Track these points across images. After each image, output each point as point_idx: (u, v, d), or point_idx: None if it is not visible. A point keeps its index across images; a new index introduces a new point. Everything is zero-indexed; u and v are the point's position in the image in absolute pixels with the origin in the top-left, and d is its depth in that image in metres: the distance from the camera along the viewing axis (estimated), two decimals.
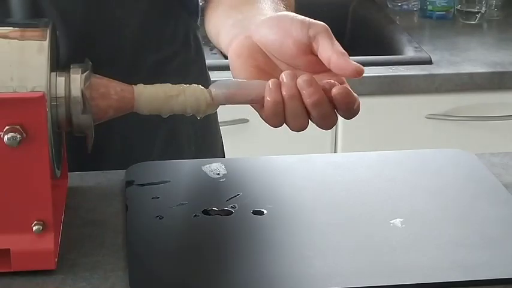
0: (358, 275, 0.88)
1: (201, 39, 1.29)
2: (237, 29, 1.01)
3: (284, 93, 0.91)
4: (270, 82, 0.91)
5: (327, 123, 0.92)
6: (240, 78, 0.96)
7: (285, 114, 0.91)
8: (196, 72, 1.27)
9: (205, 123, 1.31)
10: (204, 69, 1.30)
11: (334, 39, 0.94)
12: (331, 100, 0.91)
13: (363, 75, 0.93)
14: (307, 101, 0.90)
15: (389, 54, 2.19)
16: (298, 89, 0.90)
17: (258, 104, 0.93)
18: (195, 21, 1.27)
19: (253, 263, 0.90)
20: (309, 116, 0.91)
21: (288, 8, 1.08)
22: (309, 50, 0.94)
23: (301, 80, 0.91)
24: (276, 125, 0.93)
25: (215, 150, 1.33)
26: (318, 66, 0.94)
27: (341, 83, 0.93)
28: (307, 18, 0.95)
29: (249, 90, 0.93)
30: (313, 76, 0.92)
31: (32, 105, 0.84)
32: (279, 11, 1.03)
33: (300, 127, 0.92)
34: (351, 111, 0.93)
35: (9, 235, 0.86)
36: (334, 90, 0.91)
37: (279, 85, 0.91)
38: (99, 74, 0.92)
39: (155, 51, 1.21)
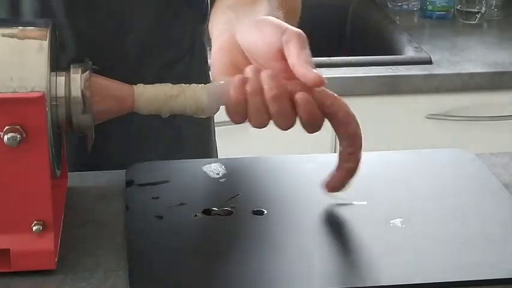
0: (358, 275, 0.88)
1: (206, 43, 1.30)
2: (225, 27, 1.02)
3: (248, 88, 0.91)
4: (236, 78, 0.92)
5: (284, 121, 0.92)
6: (215, 72, 0.97)
7: (247, 110, 0.92)
8: (199, 76, 1.27)
9: (207, 124, 1.31)
10: (208, 74, 1.31)
11: (306, 46, 0.93)
12: (293, 103, 0.91)
13: (326, 81, 0.92)
14: (268, 95, 0.91)
15: (389, 54, 2.19)
16: (261, 84, 0.91)
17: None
18: (202, 26, 1.27)
19: (253, 263, 0.90)
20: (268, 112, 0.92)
21: (288, 14, 1.07)
22: (282, 56, 0.94)
23: (265, 73, 0.92)
24: (238, 121, 0.93)
25: (212, 151, 1.34)
26: (291, 73, 0.93)
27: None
28: (285, 24, 0.96)
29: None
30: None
31: (32, 105, 0.84)
32: (272, 16, 1.04)
33: (260, 123, 0.93)
34: (311, 122, 0.92)
35: (9, 235, 0.86)
36: (297, 95, 0.91)
37: (244, 81, 0.92)
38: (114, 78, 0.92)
39: (161, 55, 1.22)
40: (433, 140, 2.07)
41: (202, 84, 0.93)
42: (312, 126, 0.94)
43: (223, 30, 1.02)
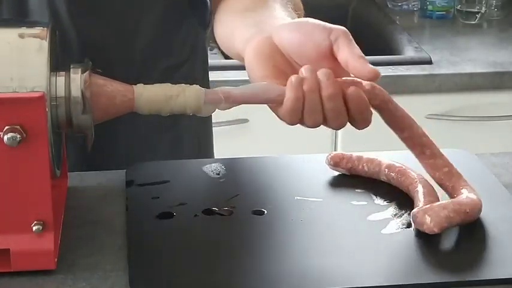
0: (358, 275, 0.88)
1: (207, 47, 1.31)
2: (255, 29, 1.01)
3: (305, 87, 0.91)
4: (293, 78, 0.92)
5: (337, 119, 0.92)
6: (257, 76, 0.96)
7: (304, 109, 0.92)
8: (201, 78, 1.28)
9: (207, 124, 1.32)
10: (207, 79, 1.31)
11: (354, 42, 0.95)
12: (345, 101, 0.92)
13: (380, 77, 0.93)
14: (324, 93, 0.91)
15: (389, 54, 2.19)
16: (318, 83, 0.91)
17: (273, 103, 0.93)
18: (204, 30, 1.27)
19: (253, 263, 0.90)
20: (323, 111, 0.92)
21: (299, 16, 1.08)
22: (329, 55, 0.95)
23: (321, 72, 0.92)
24: (294, 121, 0.93)
25: (211, 152, 1.35)
26: (337, 73, 0.94)
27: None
28: (328, 24, 0.96)
29: (262, 91, 0.93)
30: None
31: (32, 105, 0.84)
32: (294, 18, 1.04)
33: (316, 122, 0.92)
34: (362, 117, 0.93)
35: (9, 235, 0.86)
36: (349, 90, 0.92)
37: (301, 81, 0.91)
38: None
39: (164, 59, 1.23)
40: (433, 140, 2.06)
41: (198, 87, 0.93)
42: (363, 121, 0.94)
43: (252, 33, 1.00)
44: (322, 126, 0.94)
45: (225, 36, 1.12)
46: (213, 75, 1.33)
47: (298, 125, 0.94)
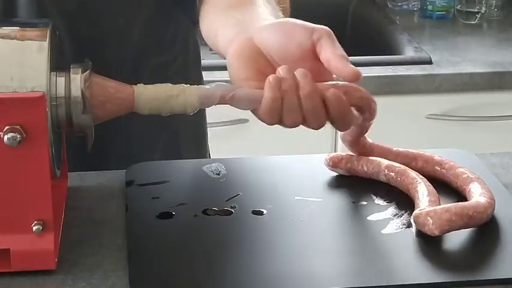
0: (358, 275, 0.88)
1: (199, 42, 1.30)
2: (237, 29, 1.00)
3: (283, 87, 0.91)
4: (271, 78, 0.91)
5: (316, 119, 0.92)
6: (238, 78, 0.95)
7: (283, 109, 0.91)
8: (194, 74, 1.28)
9: (202, 126, 1.32)
10: (200, 72, 1.31)
11: (337, 42, 0.94)
12: (324, 101, 0.92)
13: (362, 75, 0.93)
14: (302, 92, 0.91)
15: (389, 54, 2.19)
16: (296, 83, 0.91)
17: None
18: (194, 26, 1.27)
19: (253, 263, 0.90)
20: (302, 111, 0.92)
21: (284, 15, 1.08)
22: (312, 56, 0.94)
23: (298, 72, 0.91)
24: (273, 121, 0.93)
25: (206, 153, 1.35)
26: (319, 74, 0.93)
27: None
28: (310, 24, 0.96)
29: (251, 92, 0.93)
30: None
31: (32, 105, 0.84)
32: (278, 17, 1.03)
33: (294, 122, 0.92)
34: (342, 118, 0.93)
35: (9, 235, 0.86)
36: (328, 92, 0.91)
37: (279, 81, 0.91)
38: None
39: (156, 55, 1.23)
40: (433, 140, 2.07)
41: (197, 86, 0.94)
42: (344, 123, 0.94)
43: (235, 33, 1.00)
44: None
45: (209, 36, 1.11)
46: (213, 76, 1.33)
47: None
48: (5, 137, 0.83)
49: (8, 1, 1.16)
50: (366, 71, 2.04)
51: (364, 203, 1.01)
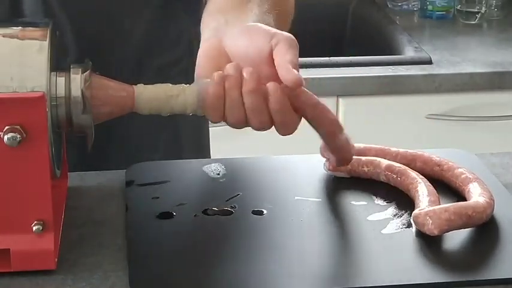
0: (358, 275, 0.88)
1: None
2: (214, 32, 1.03)
3: (227, 84, 0.92)
4: (215, 74, 0.93)
5: (257, 117, 0.92)
6: (201, 76, 0.97)
7: (225, 106, 0.92)
8: None
9: (204, 126, 1.32)
10: None
11: (294, 49, 0.94)
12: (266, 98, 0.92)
13: (304, 83, 0.92)
14: (244, 89, 0.91)
15: (389, 54, 2.19)
16: (239, 80, 0.92)
17: None
18: (198, 27, 1.28)
19: (253, 263, 0.90)
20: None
21: (279, 18, 1.07)
22: (270, 61, 0.94)
23: (245, 69, 0.92)
24: (216, 118, 0.94)
25: (208, 153, 1.35)
26: (278, 80, 0.93)
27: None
28: (273, 29, 0.97)
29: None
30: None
31: (32, 105, 0.84)
32: (264, 19, 1.04)
33: (236, 119, 0.93)
34: (282, 116, 0.92)
35: (9, 235, 0.86)
36: (268, 84, 0.92)
37: (223, 78, 0.92)
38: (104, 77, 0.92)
39: (160, 56, 1.23)
40: (433, 140, 2.07)
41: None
42: (283, 124, 0.93)
43: (211, 34, 1.02)
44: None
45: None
46: None
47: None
48: (5, 137, 0.83)
49: (14, 1, 1.16)
50: (366, 71, 2.05)
51: (364, 203, 1.01)
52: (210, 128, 1.37)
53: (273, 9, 1.08)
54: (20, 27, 0.90)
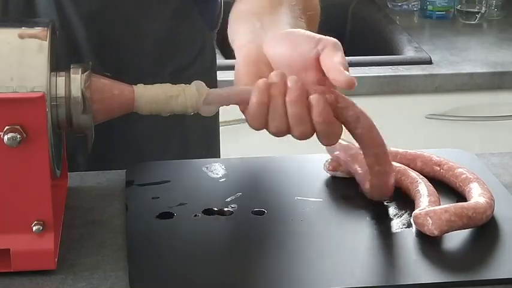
0: (358, 275, 0.88)
1: (216, 47, 1.31)
2: (250, 36, 1.01)
3: (271, 92, 0.91)
4: (260, 82, 0.92)
5: (299, 126, 0.91)
6: (240, 83, 0.96)
7: (268, 113, 0.92)
8: (209, 80, 1.28)
9: (214, 126, 1.31)
10: (215, 77, 1.31)
11: (341, 52, 0.94)
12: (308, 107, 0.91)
13: (356, 83, 0.92)
14: (288, 98, 0.91)
15: (389, 54, 2.19)
16: (284, 88, 0.91)
17: (244, 104, 0.93)
18: (212, 31, 1.28)
19: (253, 263, 0.90)
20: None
21: (309, 24, 1.07)
22: (316, 66, 0.94)
23: (289, 78, 0.91)
24: (258, 126, 0.93)
25: (217, 153, 1.34)
26: (324, 84, 0.93)
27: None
28: (317, 34, 0.96)
29: (237, 91, 0.93)
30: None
31: (32, 105, 0.84)
32: (297, 24, 1.03)
33: (278, 128, 0.92)
34: (325, 126, 0.91)
35: (9, 235, 0.86)
36: (311, 96, 0.91)
37: (268, 86, 0.91)
38: (118, 80, 0.92)
39: (174, 59, 1.23)
40: (433, 140, 2.07)
41: (201, 84, 0.93)
42: (326, 134, 0.93)
43: (248, 40, 1.01)
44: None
45: (230, 38, 1.12)
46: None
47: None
48: (5, 137, 0.83)
49: (28, 3, 1.16)
50: (366, 71, 2.04)
51: (364, 202, 1.01)
52: None
53: (303, 14, 1.07)
54: (20, 27, 0.90)
